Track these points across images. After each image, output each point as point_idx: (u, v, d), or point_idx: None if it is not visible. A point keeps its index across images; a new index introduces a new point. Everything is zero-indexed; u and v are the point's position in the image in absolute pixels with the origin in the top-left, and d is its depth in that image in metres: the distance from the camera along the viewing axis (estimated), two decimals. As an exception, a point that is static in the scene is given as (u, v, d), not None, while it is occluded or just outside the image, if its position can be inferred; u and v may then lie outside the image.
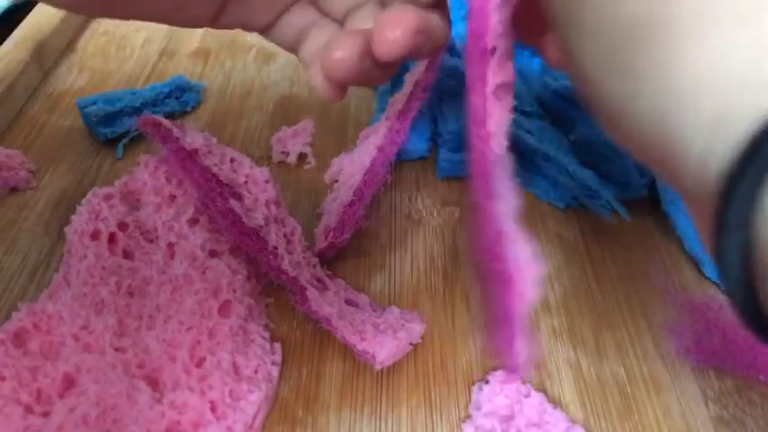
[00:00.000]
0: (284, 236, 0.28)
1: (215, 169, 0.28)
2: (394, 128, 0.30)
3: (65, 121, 0.37)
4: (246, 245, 0.26)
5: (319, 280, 0.27)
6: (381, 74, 0.24)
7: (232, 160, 0.30)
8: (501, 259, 0.20)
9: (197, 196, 0.28)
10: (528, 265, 0.19)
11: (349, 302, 0.27)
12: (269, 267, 0.26)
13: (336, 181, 0.33)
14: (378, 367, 0.24)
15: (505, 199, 0.20)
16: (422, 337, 0.27)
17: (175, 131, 0.28)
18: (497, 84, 0.19)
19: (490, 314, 0.23)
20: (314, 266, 0.28)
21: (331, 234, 0.28)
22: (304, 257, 0.28)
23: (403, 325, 0.26)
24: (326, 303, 0.25)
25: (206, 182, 0.27)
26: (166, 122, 0.29)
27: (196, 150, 0.28)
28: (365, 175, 0.29)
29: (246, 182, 0.29)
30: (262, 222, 0.27)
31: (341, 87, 0.24)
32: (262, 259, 0.26)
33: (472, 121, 0.20)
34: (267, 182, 0.29)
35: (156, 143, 0.29)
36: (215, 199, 0.27)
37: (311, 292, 0.25)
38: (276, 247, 0.26)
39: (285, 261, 0.26)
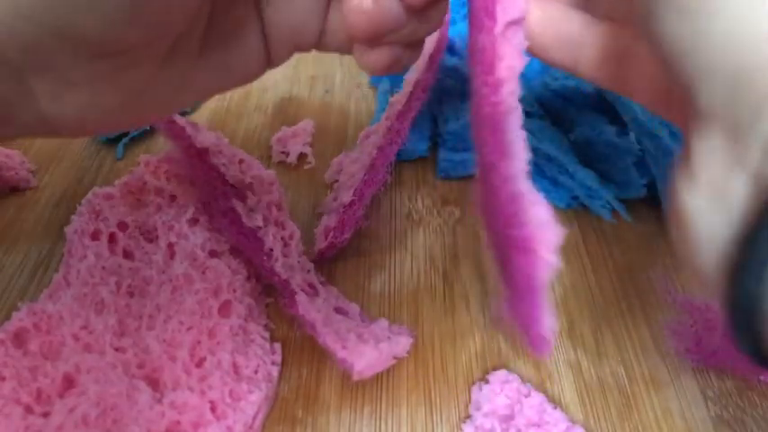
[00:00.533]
0: (282, 239, 0.28)
1: (222, 169, 0.28)
2: (394, 128, 0.30)
3: (65, 122, 0.37)
4: (243, 244, 0.26)
5: (311, 286, 0.27)
6: (418, 24, 0.20)
7: (241, 161, 0.30)
8: (517, 225, 0.17)
9: (200, 194, 0.28)
10: (547, 227, 0.17)
11: (338, 311, 0.27)
12: (262, 268, 0.26)
13: (336, 181, 0.33)
14: (355, 378, 0.24)
15: (519, 157, 0.17)
16: (422, 338, 0.27)
17: (188, 129, 0.29)
18: (508, 21, 0.17)
19: (510, 288, 0.19)
20: (308, 272, 0.28)
21: (331, 234, 0.28)
22: (299, 262, 0.28)
23: (388, 337, 0.25)
24: (314, 309, 0.25)
25: (211, 180, 0.28)
26: (180, 120, 0.29)
27: (206, 149, 0.29)
28: (365, 175, 0.29)
29: (252, 183, 0.29)
30: (261, 223, 0.27)
31: (373, 44, 0.21)
32: (256, 260, 0.26)
33: (479, 67, 0.17)
34: (272, 184, 0.29)
35: (168, 140, 0.29)
36: (217, 198, 0.27)
37: (300, 296, 0.25)
38: (272, 249, 0.26)
39: (279, 263, 0.26)
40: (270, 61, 0.22)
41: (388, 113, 0.32)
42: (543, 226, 0.17)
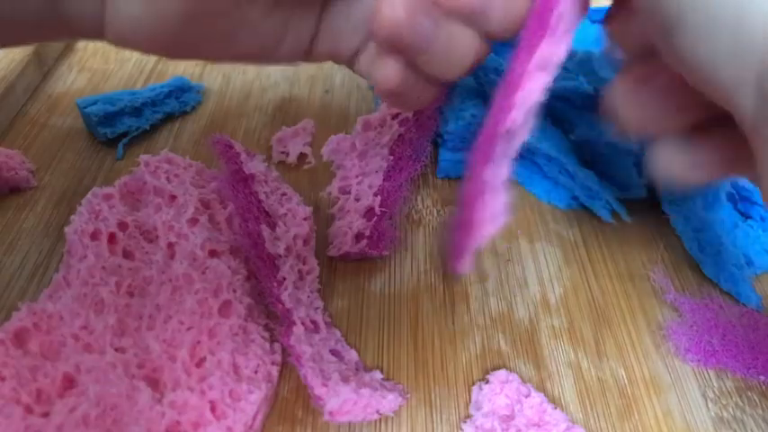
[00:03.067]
0: (299, 271, 0.28)
1: (262, 197, 0.29)
2: (405, 137, 0.31)
3: (65, 121, 0.37)
4: (258, 268, 0.26)
5: (314, 323, 0.26)
6: (440, 57, 0.21)
7: (283, 194, 0.31)
8: (475, 205, 0.21)
9: (238, 219, 0.28)
10: (495, 217, 0.21)
11: (334, 353, 0.26)
12: (269, 294, 0.26)
13: (333, 162, 0.34)
14: (326, 418, 0.23)
15: (500, 170, 0.21)
16: (422, 338, 0.27)
17: (242, 156, 0.30)
18: (542, 56, 0.19)
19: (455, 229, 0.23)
20: (315, 309, 0.27)
21: (365, 243, 0.29)
22: (309, 297, 0.27)
23: (376, 389, 0.24)
24: (307, 343, 0.24)
25: (248, 204, 0.28)
26: (237, 145, 0.30)
27: (252, 176, 0.30)
28: (384, 180, 0.30)
29: (286, 214, 0.29)
30: (282, 252, 0.27)
31: (389, 52, 0.21)
32: (266, 285, 0.26)
33: (502, 88, 0.20)
34: (306, 219, 0.29)
35: (220, 160, 0.30)
36: (248, 220, 0.27)
37: (297, 328, 0.25)
38: (285, 278, 0.26)
39: (287, 293, 0.26)
40: (309, 53, 0.24)
41: (388, 111, 0.32)
42: (495, 210, 0.21)
